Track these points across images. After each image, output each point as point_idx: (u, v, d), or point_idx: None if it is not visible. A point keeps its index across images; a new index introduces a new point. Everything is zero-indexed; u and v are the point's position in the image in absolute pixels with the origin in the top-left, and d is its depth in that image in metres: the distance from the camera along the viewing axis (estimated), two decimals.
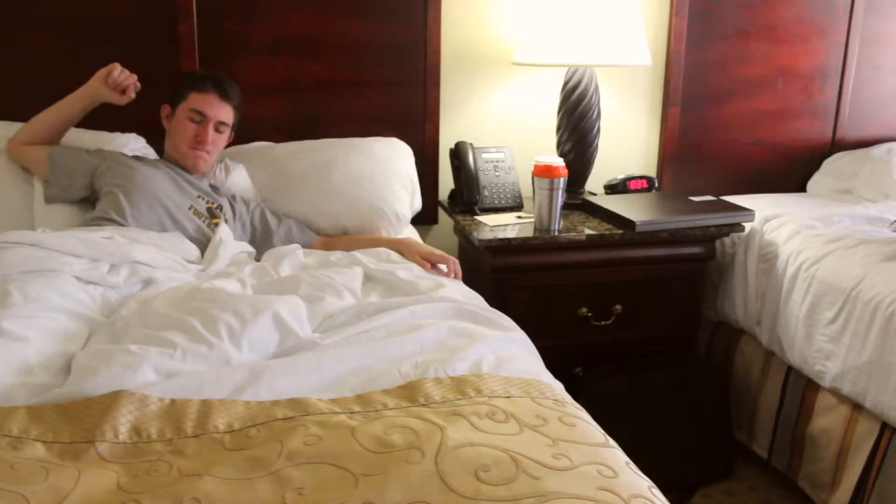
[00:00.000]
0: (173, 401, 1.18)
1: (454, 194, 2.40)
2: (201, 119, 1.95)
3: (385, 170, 2.20)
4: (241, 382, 1.24)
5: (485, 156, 2.38)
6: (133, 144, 2.12)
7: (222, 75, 2.03)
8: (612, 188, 2.49)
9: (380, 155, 2.23)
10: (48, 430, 1.10)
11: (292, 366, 1.31)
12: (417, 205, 2.25)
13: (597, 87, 2.32)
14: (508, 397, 1.23)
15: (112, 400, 1.15)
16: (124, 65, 2.21)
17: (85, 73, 2.19)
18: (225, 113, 1.99)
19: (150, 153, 2.14)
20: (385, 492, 0.96)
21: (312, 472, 1.01)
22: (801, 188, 2.83)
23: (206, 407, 1.17)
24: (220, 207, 1.99)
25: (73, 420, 1.12)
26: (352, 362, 1.35)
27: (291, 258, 1.83)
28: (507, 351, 1.46)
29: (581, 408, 1.28)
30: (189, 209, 1.92)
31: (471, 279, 2.14)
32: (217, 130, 1.98)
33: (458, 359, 1.36)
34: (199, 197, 1.96)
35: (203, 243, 1.89)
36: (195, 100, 1.95)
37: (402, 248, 1.97)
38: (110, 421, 1.11)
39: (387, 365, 1.34)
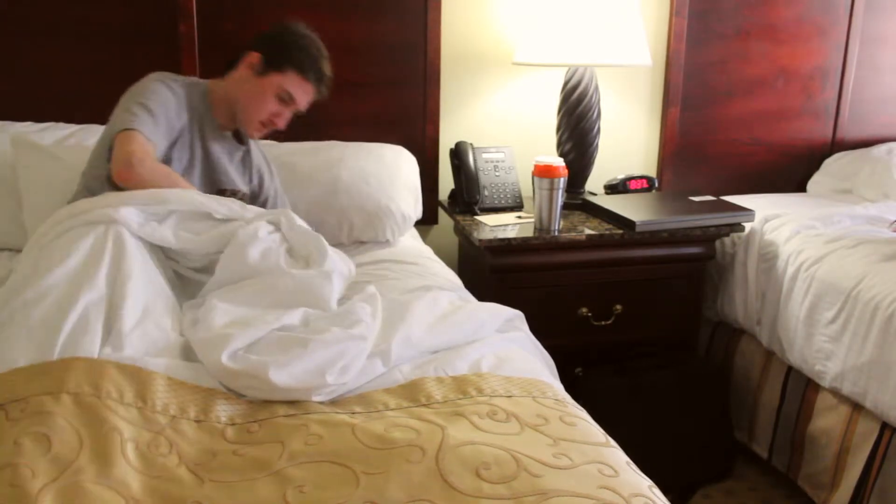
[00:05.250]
0: (182, 383, 1.20)
1: (454, 194, 2.40)
2: (288, 101, 1.82)
3: (392, 172, 2.20)
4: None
5: (485, 156, 2.38)
6: None
7: (327, 69, 1.84)
8: (612, 188, 2.49)
9: (387, 158, 2.23)
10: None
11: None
12: (419, 213, 2.26)
13: (597, 87, 2.32)
14: (510, 397, 1.23)
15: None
16: (124, 66, 2.22)
17: (85, 73, 2.20)
18: (308, 103, 1.87)
19: None
20: (386, 490, 0.96)
21: (314, 471, 1.01)
22: (801, 188, 2.84)
23: (210, 395, 1.19)
24: (244, 197, 1.91)
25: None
26: None
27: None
28: (507, 350, 1.46)
29: (581, 408, 1.29)
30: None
31: (471, 279, 2.15)
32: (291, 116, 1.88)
33: (458, 358, 1.37)
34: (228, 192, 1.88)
35: None
36: (294, 82, 1.79)
37: None
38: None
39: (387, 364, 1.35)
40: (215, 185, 1.86)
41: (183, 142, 1.79)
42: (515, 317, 1.62)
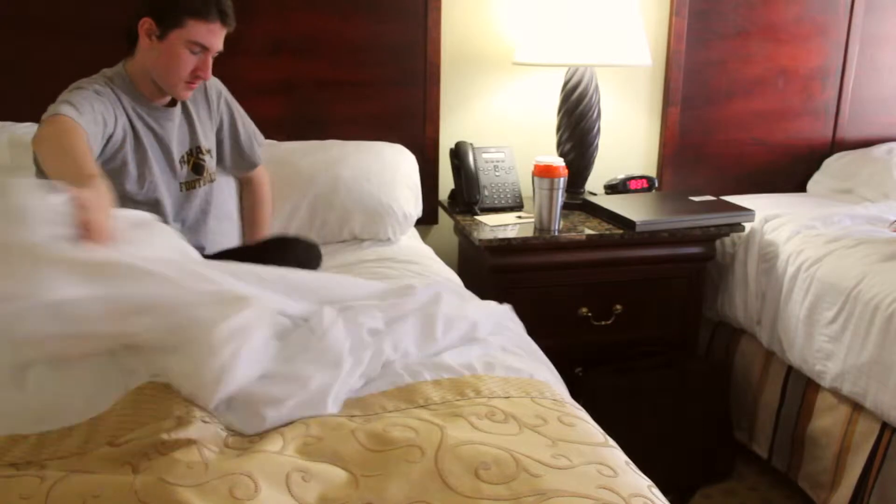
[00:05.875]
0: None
1: (454, 194, 2.40)
2: (201, 51, 1.67)
3: (392, 171, 2.21)
4: None
5: (485, 156, 2.38)
6: None
7: None
8: (613, 188, 2.49)
9: (386, 157, 2.24)
10: None
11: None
12: (419, 211, 2.26)
13: (597, 87, 2.32)
14: (507, 398, 1.23)
15: None
16: None
17: (84, 73, 2.19)
18: (223, 40, 1.71)
19: None
20: (385, 491, 0.96)
21: (314, 473, 1.01)
22: (801, 188, 2.83)
23: None
24: (203, 154, 1.84)
25: None
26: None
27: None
28: (502, 351, 1.45)
29: (580, 408, 1.29)
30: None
31: (471, 279, 2.15)
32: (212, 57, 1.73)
33: (455, 360, 1.36)
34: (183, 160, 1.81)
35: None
36: (197, 31, 1.63)
37: None
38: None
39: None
40: (172, 164, 1.79)
41: (130, 142, 1.71)
42: (504, 313, 1.59)
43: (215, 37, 1.68)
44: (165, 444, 1.04)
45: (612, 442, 1.15)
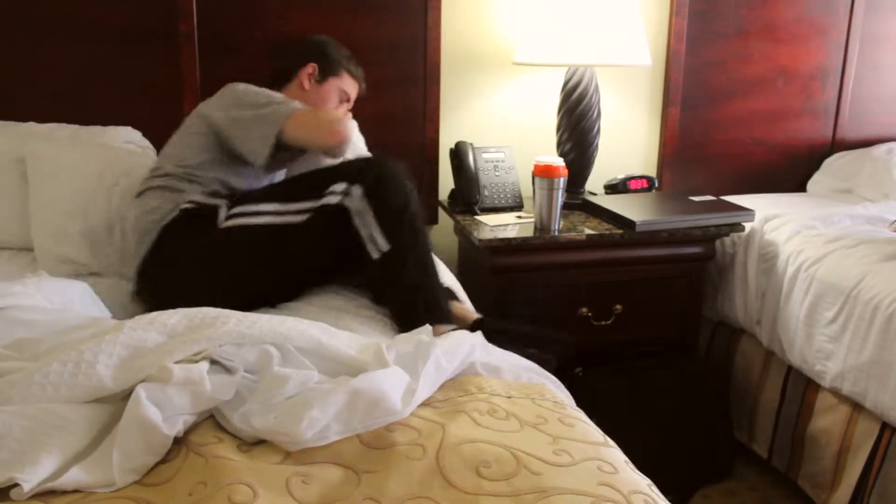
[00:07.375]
0: None
1: (454, 194, 2.40)
2: (344, 101, 2.00)
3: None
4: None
5: (485, 156, 2.38)
6: (127, 136, 2.10)
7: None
8: (613, 188, 2.50)
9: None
10: None
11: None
12: None
13: (597, 87, 2.32)
14: (509, 397, 1.23)
15: None
16: (124, 65, 2.22)
17: (85, 72, 2.20)
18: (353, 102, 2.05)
19: (147, 145, 2.12)
20: (386, 488, 0.97)
21: (315, 470, 1.01)
22: (801, 188, 2.84)
23: None
24: None
25: None
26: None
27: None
28: (498, 356, 1.44)
29: (580, 410, 1.29)
30: None
31: (471, 279, 2.15)
32: None
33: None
34: None
35: None
36: (350, 84, 2.00)
37: None
38: None
39: None
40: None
41: None
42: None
43: (355, 91, 2.03)
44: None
45: (611, 442, 1.16)
